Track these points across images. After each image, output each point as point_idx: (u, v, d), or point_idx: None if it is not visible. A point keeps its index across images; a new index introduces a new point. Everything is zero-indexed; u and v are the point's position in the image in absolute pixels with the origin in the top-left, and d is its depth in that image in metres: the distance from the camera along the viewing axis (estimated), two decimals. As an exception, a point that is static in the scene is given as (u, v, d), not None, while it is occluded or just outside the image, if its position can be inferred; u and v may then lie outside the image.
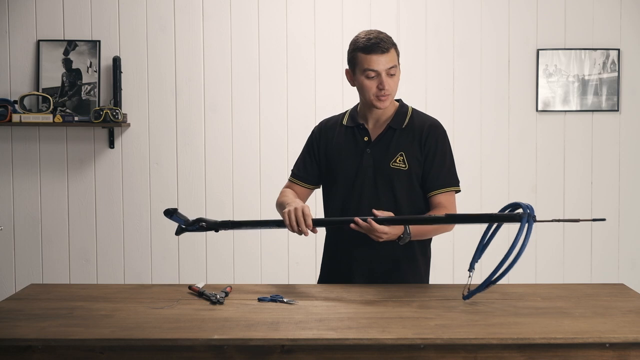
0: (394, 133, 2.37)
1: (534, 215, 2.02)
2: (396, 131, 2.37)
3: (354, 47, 2.33)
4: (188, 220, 2.27)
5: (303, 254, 3.95)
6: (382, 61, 2.28)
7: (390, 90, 2.30)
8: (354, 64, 2.34)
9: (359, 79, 2.33)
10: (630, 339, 1.74)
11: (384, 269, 2.37)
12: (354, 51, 2.33)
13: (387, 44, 2.29)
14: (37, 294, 2.22)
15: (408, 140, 2.36)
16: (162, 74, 3.93)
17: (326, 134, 2.46)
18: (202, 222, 2.26)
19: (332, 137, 2.44)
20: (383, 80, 2.28)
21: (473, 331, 1.78)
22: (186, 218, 2.28)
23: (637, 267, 4.02)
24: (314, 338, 1.75)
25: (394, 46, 2.32)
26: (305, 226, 2.17)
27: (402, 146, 2.35)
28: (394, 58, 2.31)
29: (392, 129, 2.37)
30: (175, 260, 3.97)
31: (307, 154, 2.50)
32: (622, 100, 3.96)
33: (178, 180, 3.96)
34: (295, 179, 2.51)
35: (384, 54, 2.28)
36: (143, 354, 1.75)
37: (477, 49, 3.96)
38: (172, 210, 2.25)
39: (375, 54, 2.27)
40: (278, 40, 3.94)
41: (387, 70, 2.29)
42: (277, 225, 2.26)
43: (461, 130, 3.93)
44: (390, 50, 2.29)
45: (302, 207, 2.19)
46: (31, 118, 3.75)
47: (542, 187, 3.99)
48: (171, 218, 2.25)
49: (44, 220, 3.95)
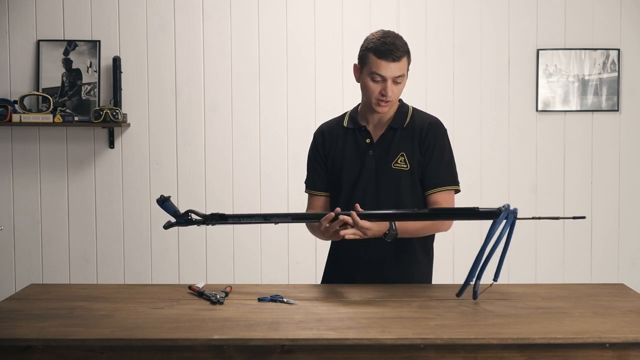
0: (394, 133, 2.36)
1: (515, 212, 2.00)
2: (397, 131, 2.36)
3: (367, 46, 2.29)
4: (178, 211, 2.22)
5: (303, 254, 3.95)
6: (391, 68, 2.24)
7: (392, 97, 2.28)
8: (363, 63, 2.31)
9: (365, 79, 2.30)
10: (630, 339, 1.74)
11: (387, 271, 2.36)
12: (366, 50, 2.29)
13: (400, 52, 2.25)
14: (37, 294, 2.22)
15: (409, 139, 2.34)
16: (162, 74, 3.93)
17: (329, 137, 2.43)
18: (191, 214, 2.20)
19: (334, 141, 2.41)
20: (387, 87, 2.25)
21: (473, 331, 1.78)
22: (177, 208, 2.22)
23: (637, 267, 4.02)
24: (314, 338, 1.74)
25: (407, 54, 2.29)
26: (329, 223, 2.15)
27: (402, 146, 2.34)
28: (403, 67, 2.27)
29: (393, 129, 2.36)
30: (175, 260, 3.98)
31: (315, 161, 2.45)
32: (622, 100, 3.96)
33: (178, 180, 3.96)
34: (313, 191, 2.46)
35: (395, 62, 2.24)
36: (143, 354, 1.75)
37: (477, 49, 3.96)
38: (165, 198, 2.20)
39: (385, 60, 2.24)
40: (278, 40, 3.94)
41: (394, 78, 2.26)
42: (264, 219, 2.21)
43: (461, 130, 3.93)
44: (401, 59, 2.26)
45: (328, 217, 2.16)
46: (31, 118, 3.75)
47: (542, 187, 3.99)
48: (162, 206, 2.21)
49: (44, 220, 3.95)
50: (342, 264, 2.43)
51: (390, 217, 2.18)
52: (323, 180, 2.43)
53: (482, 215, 2.07)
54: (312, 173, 2.46)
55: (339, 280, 2.40)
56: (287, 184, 3.90)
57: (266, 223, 2.22)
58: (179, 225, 2.22)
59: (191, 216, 2.20)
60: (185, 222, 2.21)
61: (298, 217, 2.25)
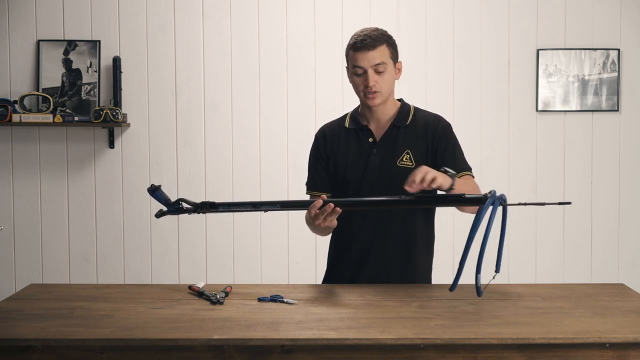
0: (398, 131, 2.35)
1: (502, 198, 1.99)
2: (400, 129, 2.35)
3: (348, 44, 2.34)
4: (169, 200, 2.20)
5: (303, 254, 3.95)
6: (368, 58, 2.26)
7: (378, 87, 2.28)
8: (347, 62, 2.36)
9: (350, 76, 2.34)
10: (630, 339, 1.74)
11: (390, 272, 2.36)
12: (347, 49, 2.34)
13: (376, 40, 2.26)
14: (37, 294, 2.22)
15: (413, 137, 2.34)
16: (162, 74, 3.93)
17: (331, 137, 2.42)
18: (182, 203, 2.18)
19: (336, 142, 2.41)
20: (369, 77, 2.26)
21: (473, 331, 1.78)
22: (167, 197, 2.20)
23: (637, 267, 4.02)
24: (314, 338, 1.74)
25: (386, 43, 2.29)
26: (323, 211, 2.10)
27: (407, 144, 2.34)
28: (382, 55, 2.27)
29: (396, 127, 2.36)
30: (175, 260, 3.98)
31: (317, 161, 2.44)
32: (622, 100, 3.96)
33: (178, 180, 3.96)
34: (314, 192, 2.44)
35: (370, 50, 2.25)
36: (143, 354, 1.75)
37: (477, 49, 3.96)
38: (156, 187, 2.18)
39: (361, 51, 2.26)
40: (278, 40, 3.94)
41: (374, 67, 2.26)
42: (253, 207, 2.19)
43: (461, 130, 3.87)
44: (378, 47, 2.26)
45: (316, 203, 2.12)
46: (31, 118, 3.75)
47: (542, 187, 3.99)
48: (152, 194, 2.19)
49: (44, 220, 3.95)
50: (344, 266, 2.42)
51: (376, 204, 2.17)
52: (325, 181, 2.42)
53: (469, 201, 2.05)
54: (314, 174, 2.45)
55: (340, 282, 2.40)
56: (287, 184, 3.90)
57: (255, 211, 2.19)
58: (171, 213, 2.19)
59: (182, 205, 2.18)
60: (177, 210, 2.18)
61: (287, 204, 2.26)
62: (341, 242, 2.42)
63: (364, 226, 2.35)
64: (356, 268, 2.38)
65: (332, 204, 2.09)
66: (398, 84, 4.14)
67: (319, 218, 2.11)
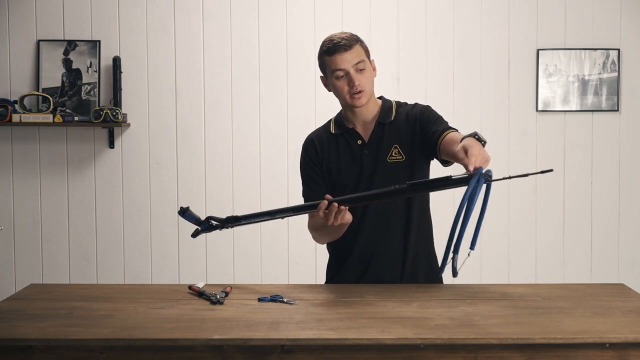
0: (383, 128, 2.36)
1: (488, 174, 1.96)
2: (385, 125, 2.36)
3: (320, 52, 2.35)
4: (199, 219, 2.31)
5: (303, 254, 3.95)
6: (347, 59, 2.28)
7: (362, 86, 2.29)
8: (323, 69, 2.37)
9: (332, 82, 2.34)
10: (630, 339, 1.73)
11: (392, 274, 2.36)
12: (320, 56, 2.35)
13: (349, 41, 2.29)
14: (37, 294, 2.22)
15: (398, 131, 2.34)
16: (162, 74, 3.93)
17: (320, 145, 2.41)
18: (211, 220, 2.30)
19: (326, 149, 2.40)
20: (352, 77, 2.28)
21: (473, 331, 1.78)
22: (197, 217, 2.32)
23: (637, 267, 4.02)
24: (314, 338, 1.74)
25: (359, 42, 2.32)
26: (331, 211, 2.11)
27: (394, 138, 2.34)
28: (359, 53, 2.30)
29: (381, 124, 2.36)
30: (175, 260, 3.97)
31: (310, 170, 2.42)
32: (622, 100, 3.96)
33: (178, 180, 3.96)
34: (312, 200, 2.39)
35: (347, 51, 2.28)
36: (143, 354, 1.75)
37: (477, 49, 3.96)
38: (185, 208, 2.31)
39: (338, 53, 2.28)
40: (278, 40, 3.94)
41: (355, 67, 2.28)
42: (270, 216, 2.25)
43: (461, 130, 3.90)
44: (353, 47, 2.29)
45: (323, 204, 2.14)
46: (31, 118, 3.75)
47: (542, 187, 3.99)
48: (183, 216, 2.31)
49: (44, 220, 3.95)
50: (348, 268, 2.41)
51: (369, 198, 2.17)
52: (321, 187, 2.40)
53: (456, 182, 2.00)
54: (309, 182, 2.43)
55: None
56: (287, 184, 3.90)
57: (272, 219, 2.28)
58: (204, 232, 2.32)
59: (211, 222, 2.30)
60: (208, 228, 2.31)
61: (298, 209, 2.25)
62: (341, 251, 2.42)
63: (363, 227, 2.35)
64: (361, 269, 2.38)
65: (336, 204, 2.11)
66: (398, 84, 4.15)
67: (329, 218, 2.12)
